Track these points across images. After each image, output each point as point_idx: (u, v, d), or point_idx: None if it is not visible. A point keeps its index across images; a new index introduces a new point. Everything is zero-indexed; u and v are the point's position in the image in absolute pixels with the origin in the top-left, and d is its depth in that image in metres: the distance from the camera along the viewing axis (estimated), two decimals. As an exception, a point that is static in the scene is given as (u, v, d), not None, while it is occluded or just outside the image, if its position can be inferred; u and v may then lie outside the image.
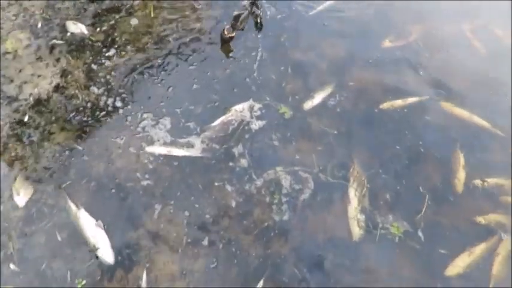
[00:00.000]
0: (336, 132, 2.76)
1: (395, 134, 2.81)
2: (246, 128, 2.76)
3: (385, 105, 2.96)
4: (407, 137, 2.80)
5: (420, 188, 2.55)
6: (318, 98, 2.94)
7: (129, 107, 2.86)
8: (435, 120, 2.91)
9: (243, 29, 3.33)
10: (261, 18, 3.39)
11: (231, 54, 3.21)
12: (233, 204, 2.45)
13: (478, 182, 2.59)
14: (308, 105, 2.91)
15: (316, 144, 2.71)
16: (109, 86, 2.96)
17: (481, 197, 2.54)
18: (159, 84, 2.99)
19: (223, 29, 3.18)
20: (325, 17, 3.52)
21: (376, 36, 3.41)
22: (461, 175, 2.62)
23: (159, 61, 3.13)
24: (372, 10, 3.61)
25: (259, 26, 3.39)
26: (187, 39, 3.28)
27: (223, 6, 3.52)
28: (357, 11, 3.61)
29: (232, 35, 3.21)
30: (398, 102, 2.97)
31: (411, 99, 2.98)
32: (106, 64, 3.09)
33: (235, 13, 3.27)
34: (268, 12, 3.50)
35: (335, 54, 3.28)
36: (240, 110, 2.84)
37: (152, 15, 3.42)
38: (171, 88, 2.97)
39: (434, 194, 2.54)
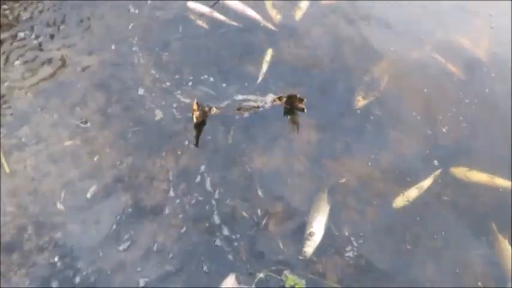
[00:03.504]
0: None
1: (431, 251, 2.09)
2: None
3: (398, 203, 2.22)
4: (443, 247, 2.11)
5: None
6: (317, 234, 2.05)
7: None
8: (458, 200, 2.28)
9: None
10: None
11: (171, 194, 2.06)
12: None
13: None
14: (309, 248, 2.01)
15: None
16: None
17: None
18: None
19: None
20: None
21: (344, 94, 2.56)
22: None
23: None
24: (326, 60, 2.71)
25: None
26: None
27: (119, 123, 2.24)
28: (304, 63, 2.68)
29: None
30: (413, 193, 2.25)
31: (425, 183, 2.28)
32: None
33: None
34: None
35: (306, 142, 2.36)
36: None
37: (7, 171, 2.02)
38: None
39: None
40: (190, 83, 2.37)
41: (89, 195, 2.01)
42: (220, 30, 2.68)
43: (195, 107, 2.18)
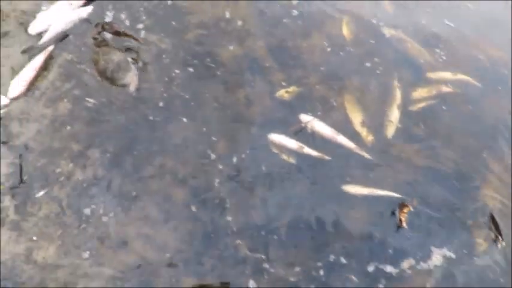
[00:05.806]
0: None
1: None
2: None
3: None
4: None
5: None
6: None
7: None
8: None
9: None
10: None
11: None
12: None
13: None
14: None
15: None
16: None
17: None
18: None
19: None
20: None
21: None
22: None
23: None
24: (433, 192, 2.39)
25: None
26: None
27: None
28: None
29: None
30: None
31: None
32: None
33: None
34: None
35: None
36: None
37: None
38: None
39: None
40: (321, 271, 1.96)
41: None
42: (311, 167, 2.28)
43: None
